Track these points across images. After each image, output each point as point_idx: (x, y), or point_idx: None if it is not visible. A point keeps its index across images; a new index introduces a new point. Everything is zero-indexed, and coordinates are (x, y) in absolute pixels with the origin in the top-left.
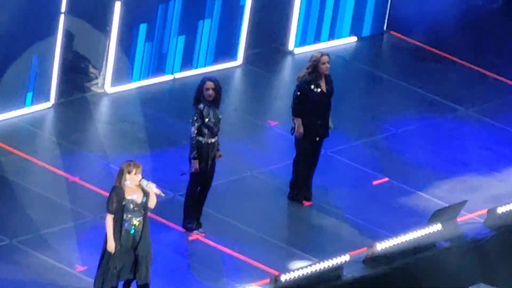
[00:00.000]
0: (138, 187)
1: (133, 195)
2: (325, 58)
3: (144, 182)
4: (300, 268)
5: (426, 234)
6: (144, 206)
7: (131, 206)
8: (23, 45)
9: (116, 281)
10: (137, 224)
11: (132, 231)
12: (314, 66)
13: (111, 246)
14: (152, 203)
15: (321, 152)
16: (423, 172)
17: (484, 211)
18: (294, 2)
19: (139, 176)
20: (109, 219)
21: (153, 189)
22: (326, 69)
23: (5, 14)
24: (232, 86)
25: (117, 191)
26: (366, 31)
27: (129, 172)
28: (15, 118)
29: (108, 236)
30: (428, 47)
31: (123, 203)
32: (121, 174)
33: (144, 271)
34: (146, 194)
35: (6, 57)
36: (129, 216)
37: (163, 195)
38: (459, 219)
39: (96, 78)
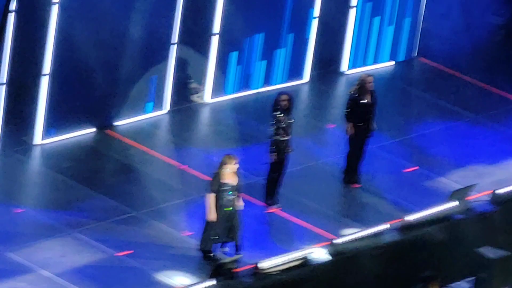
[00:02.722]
0: (234, 174)
1: (230, 180)
2: (370, 78)
3: (241, 203)
4: (351, 234)
5: (445, 208)
6: (237, 188)
7: (228, 188)
8: (145, 68)
9: (215, 242)
10: (232, 201)
11: (228, 207)
12: (362, 84)
13: (212, 217)
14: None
15: (367, 147)
16: (444, 162)
17: (490, 191)
18: (346, 35)
19: (237, 165)
20: (211, 197)
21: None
22: (371, 86)
23: (135, 47)
24: (301, 98)
25: (217, 176)
26: (402, 57)
27: (229, 163)
28: (140, 121)
29: (210, 209)
30: (448, 69)
31: (222, 186)
32: (223, 163)
33: (238, 235)
34: (239, 179)
35: (135, 77)
36: (226, 195)
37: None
38: (470, 197)
39: (200, 92)
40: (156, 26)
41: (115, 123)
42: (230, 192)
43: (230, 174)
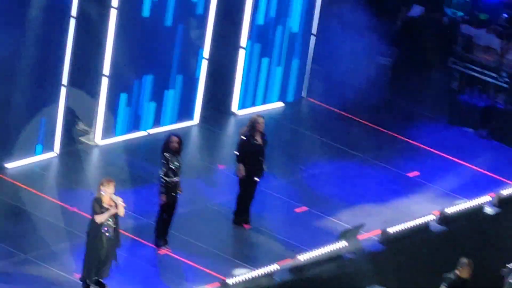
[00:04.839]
0: (111, 200)
1: (108, 205)
2: (261, 119)
3: (114, 196)
4: (241, 275)
5: (335, 248)
6: (115, 214)
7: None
8: (34, 109)
9: (96, 268)
10: (111, 226)
11: (108, 233)
12: (252, 125)
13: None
14: (120, 211)
15: (257, 188)
16: (333, 202)
17: (378, 231)
18: (236, 77)
19: (112, 189)
20: (98, 217)
21: (119, 202)
22: (262, 127)
23: (24, 88)
24: (190, 140)
25: (97, 200)
26: (290, 97)
27: (102, 185)
28: (29, 164)
29: (108, 213)
30: (336, 109)
31: (102, 209)
32: (98, 187)
33: (109, 266)
34: (116, 205)
35: (23, 119)
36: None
37: (124, 205)
38: (359, 237)
39: (89, 134)
40: (45, 67)
41: (4, 166)
42: (109, 218)
43: (107, 199)
